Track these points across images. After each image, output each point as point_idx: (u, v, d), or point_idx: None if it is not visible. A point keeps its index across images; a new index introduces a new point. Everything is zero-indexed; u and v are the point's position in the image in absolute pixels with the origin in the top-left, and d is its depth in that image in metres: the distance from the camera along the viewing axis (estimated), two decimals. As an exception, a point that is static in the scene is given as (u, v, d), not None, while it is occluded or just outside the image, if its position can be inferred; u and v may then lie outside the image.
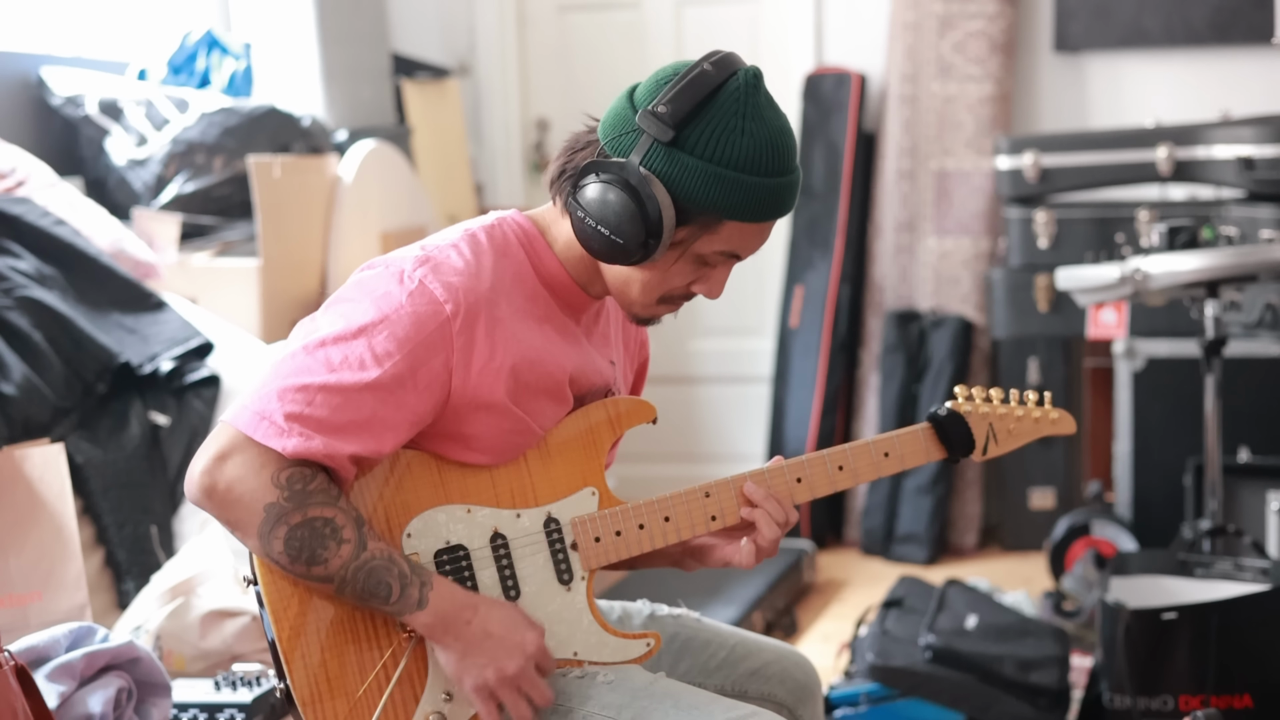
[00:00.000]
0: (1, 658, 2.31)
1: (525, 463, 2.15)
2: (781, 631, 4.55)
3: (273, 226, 4.32)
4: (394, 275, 2.05)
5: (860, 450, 2.30)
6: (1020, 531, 5.33)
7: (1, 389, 3.33)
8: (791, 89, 5.74)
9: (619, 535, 2.18)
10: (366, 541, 2.01)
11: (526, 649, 2.07)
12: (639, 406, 2.24)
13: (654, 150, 2.04)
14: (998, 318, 5.03)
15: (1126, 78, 5.44)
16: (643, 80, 2.11)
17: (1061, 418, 2.43)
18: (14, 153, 4.01)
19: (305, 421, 1.97)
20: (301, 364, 2.00)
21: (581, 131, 2.15)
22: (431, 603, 2.03)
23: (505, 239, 2.15)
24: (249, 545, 2.02)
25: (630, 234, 2.04)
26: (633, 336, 2.40)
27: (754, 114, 2.04)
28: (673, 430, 6.04)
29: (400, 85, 5.40)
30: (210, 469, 1.98)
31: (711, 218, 2.06)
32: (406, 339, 2.01)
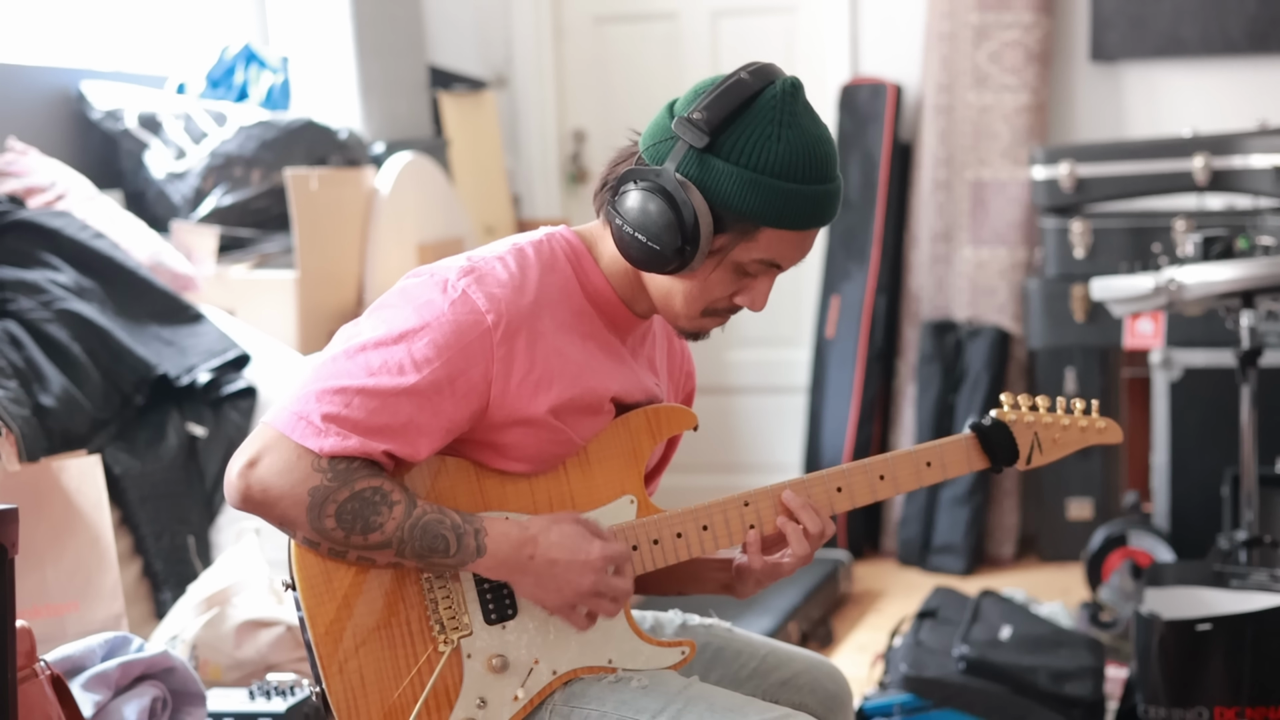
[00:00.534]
0: (37, 667, 2.33)
1: (564, 471, 2.16)
2: (817, 642, 4.56)
3: (310, 239, 4.35)
4: (438, 284, 2.07)
5: (902, 459, 2.30)
6: (1058, 542, 5.32)
7: (41, 401, 3.36)
8: (827, 100, 5.75)
9: (656, 544, 2.19)
10: (415, 500, 2.03)
11: (593, 563, 2.08)
12: (679, 414, 2.24)
13: (689, 156, 2.05)
14: (1034, 328, 5.03)
15: (1163, 87, 5.43)
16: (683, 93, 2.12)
17: (1109, 427, 2.42)
18: (54, 167, 4.05)
19: (342, 422, 1.99)
20: (341, 367, 2.02)
21: (625, 146, 2.17)
22: (489, 548, 2.05)
23: (553, 254, 2.16)
24: (299, 537, 2.03)
25: (667, 240, 2.05)
26: (679, 366, 2.41)
27: (791, 121, 2.04)
28: (710, 440, 6.03)
29: (437, 97, 5.43)
30: (244, 472, 2.00)
31: (748, 225, 2.06)
32: (446, 346, 2.03)
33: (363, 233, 4.64)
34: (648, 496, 2.21)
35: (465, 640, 2.10)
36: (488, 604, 2.11)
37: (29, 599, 2.82)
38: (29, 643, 2.33)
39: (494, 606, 2.11)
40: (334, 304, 4.46)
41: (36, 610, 2.82)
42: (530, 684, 2.12)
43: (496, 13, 6.08)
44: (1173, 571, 3.89)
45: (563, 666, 2.14)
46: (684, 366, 2.42)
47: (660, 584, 2.35)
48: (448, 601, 2.09)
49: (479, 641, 2.10)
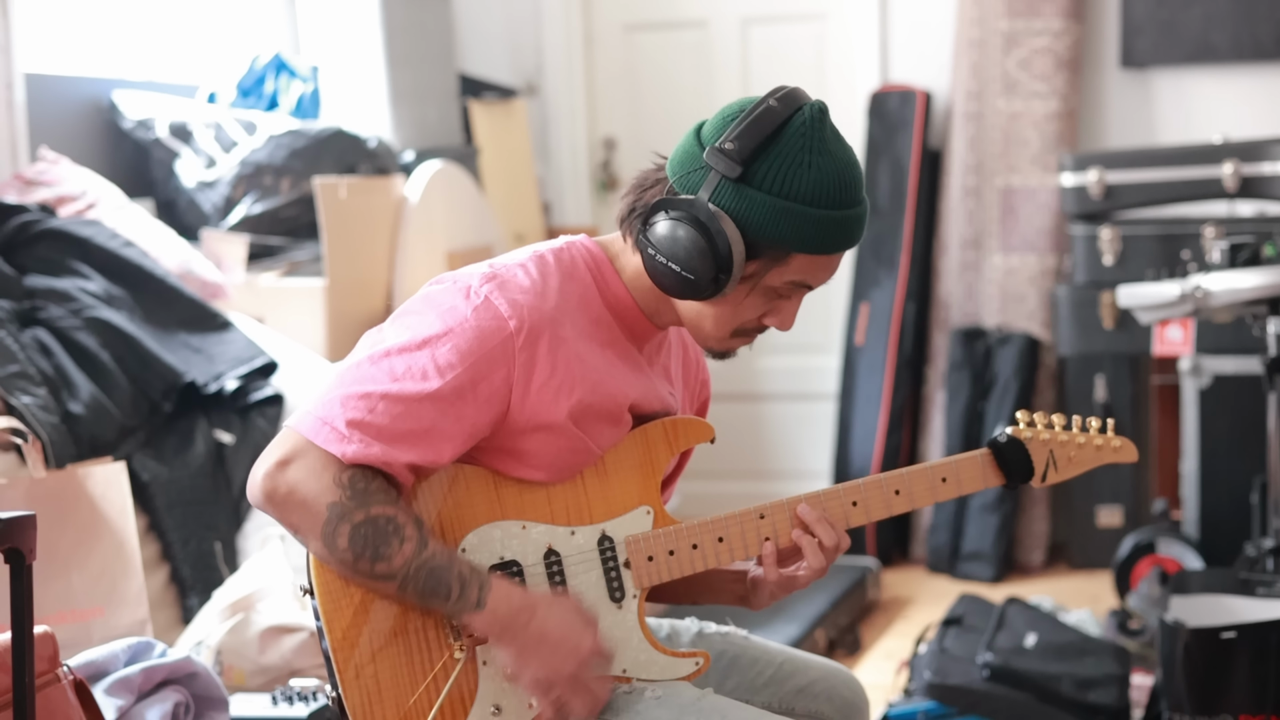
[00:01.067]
0: (60, 672, 2.35)
1: (582, 480, 2.17)
2: (844, 649, 4.56)
3: (338, 246, 4.37)
4: (461, 290, 2.09)
5: (918, 475, 2.31)
6: (1088, 550, 5.31)
7: (70, 408, 3.39)
8: (857, 107, 5.76)
9: (672, 555, 2.20)
10: (427, 540, 2.04)
11: (581, 651, 2.08)
12: (696, 426, 2.26)
13: (722, 186, 2.06)
14: (1063, 335, 5.02)
15: (1194, 93, 5.42)
16: (709, 115, 2.13)
17: (1124, 446, 2.43)
18: (85, 176, 4.08)
19: (366, 429, 2.01)
20: (366, 373, 2.04)
21: (649, 169, 2.18)
22: (489, 604, 2.06)
23: (573, 262, 2.18)
24: (312, 548, 2.05)
25: (701, 270, 2.07)
26: (694, 375, 2.42)
27: (820, 148, 2.06)
28: (739, 448, 6.06)
29: (467, 106, 5.45)
30: (272, 473, 2.02)
31: (780, 251, 2.08)
32: (469, 352, 2.04)
33: (392, 240, 4.66)
34: (664, 508, 2.21)
35: (481, 647, 2.11)
36: (503, 612, 2.12)
37: (55, 604, 2.84)
38: (52, 647, 2.36)
39: (509, 615, 2.13)
40: (362, 311, 4.49)
41: (62, 615, 2.85)
42: (544, 693, 2.13)
43: (527, 21, 6.11)
44: (1198, 579, 3.89)
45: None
46: (699, 375, 2.44)
47: (675, 594, 2.36)
48: (464, 608, 2.11)
49: (494, 650, 2.11)
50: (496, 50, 6.08)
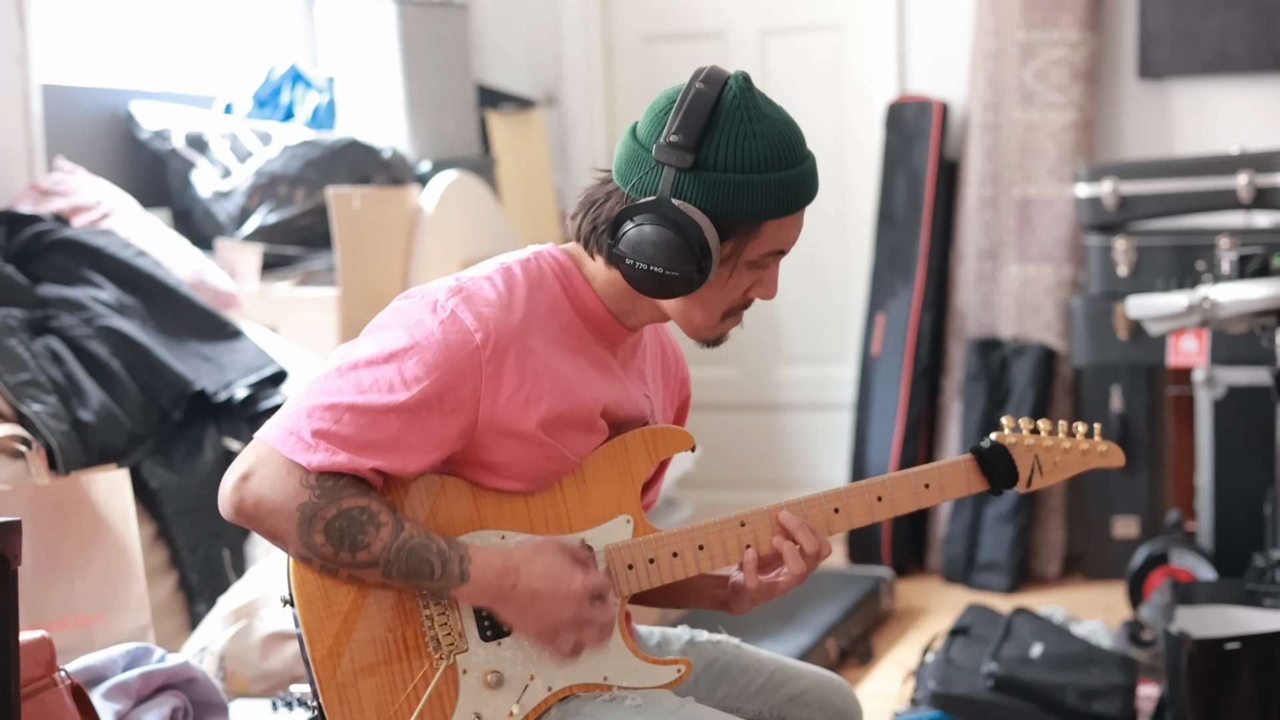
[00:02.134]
0: (57, 676, 2.39)
1: (560, 490, 2.19)
2: (857, 659, 4.56)
3: (351, 256, 4.40)
4: (428, 304, 2.11)
5: (900, 481, 2.32)
6: (1103, 560, 5.30)
7: (80, 415, 3.43)
8: (874, 117, 5.77)
9: (652, 563, 2.22)
10: (403, 523, 2.07)
11: (574, 594, 2.10)
12: (675, 435, 2.27)
13: (680, 179, 2.08)
14: (1077, 346, 5.02)
15: (1211, 104, 5.41)
16: (639, 119, 2.15)
17: (1110, 450, 2.44)
18: (100, 186, 4.13)
19: (331, 438, 2.04)
20: (333, 385, 2.07)
21: (594, 185, 2.20)
22: (473, 575, 2.08)
23: (541, 272, 2.20)
24: (292, 551, 2.08)
25: (683, 265, 2.09)
26: (673, 375, 2.44)
27: (758, 115, 2.10)
28: (756, 457, 6.08)
29: (485, 116, 5.48)
30: (237, 485, 2.06)
31: (751, 224, 2.11)
32: (435, 365, 2.07)
33: (406, 250, 4.69)
34: (644, 516, 2.23)
35: (461, 656, 2.13)
36: (483, 620, 2.14)
37: (57, 610, 2.88)
38: (49, 652, 2.39)
39: (489, 623, 2.14)
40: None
41: (64, 621, 2.88)
42: (525, 700, 2.15)
43: (547, 32, 6.13)
44: (1206, 590, 3.89)
45: (558, 683, 2.17)
46: (678, 375, 2.45)
47: (657, 598, 2.38)
48: (443, 618, 2.13)
49: (474, 658, 2.14)
50: (516, 61, 6.11)
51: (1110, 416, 5.20)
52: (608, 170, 2.19)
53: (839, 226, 5.98)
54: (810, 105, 5.94)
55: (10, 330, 3.49)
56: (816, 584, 4.91)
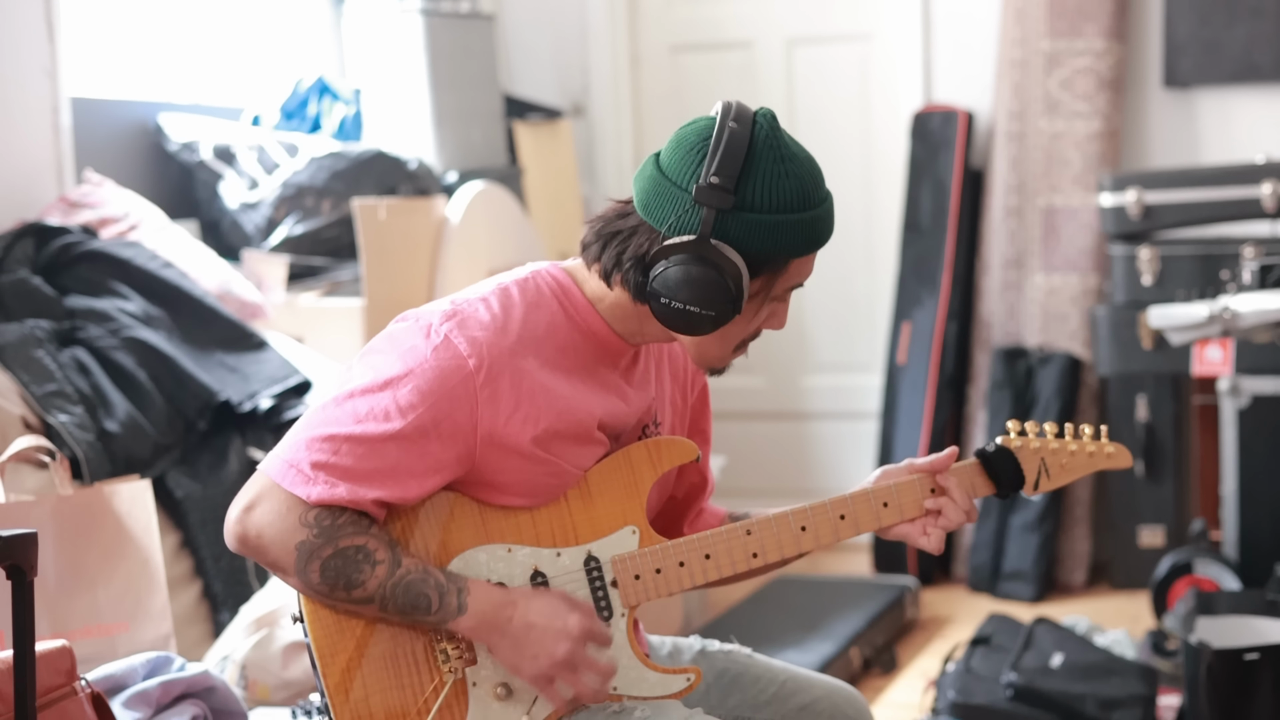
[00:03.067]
0: (77, 685, 2.41)
1: (566, 502, 2.22)
2: (880, 668, 4.57)
3: (377, 267, 4.44)
4: (421, 329, 2.13)
5: (906, 487, 2.34)
6: (1129, 570, 5.29)
7: (106, 426, 3.47)
8: (900, 127, 5.79)
9: (659, 573, 2.24)
10: (400, 559, 2.09)
11: (570, 632, 2.12)
12: (679, 446, 2.29)
13: (720, 220, 2.10)
14: (1102, 355, 5.02)
15: (1237, 113, 5.41)
16: (664, 151, 2.17)
17: (1118, 452, 2.45)
18: (128, 198, 4.17)
19: (331, 470, 2.06)
20: (330, 415, 2.09)
21: (611, 215, 2.20)
22: (471, 607, 2.10)
23: (538, 291, 2.22)
24: (291, 584, 2.12)
25: (718, 305, 2.11)
26: (681, 367, 2.45)
27: (788, 155, 2.13)
28: (783, 465, 6.10)
29: (512, 127, 5.51)
30: (240, 518, 2.09)
31: (780, 262, 2.14)
32: (430, 392, 2.09)
33: (432, 260, 4.72)
34: (650, 526, 2.25)
35: (470, 669, 2.16)
36: (492, 633, 2.17)
37: (80, 619, 2.91)
38: (69, 661, 2.42)
39: (498, 635, 2.17)
40: (402, 331, 4.54)
41: (87, 630, 2.91)
42: (535, 712, 2.18)
43: (574, 43, 6.16)
44: (1227, 600, 3.89)
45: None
46: (688, 366, 2.46)
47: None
48: (453, 631, 2.15)
49: (484, 670, 2.16)
50: (544, 72, 6.14)
51: (1136, 425, 5.19)
52: (625, 200, 2.20)
53: (865, 236, 5.99)
54: (836, 115, 5.96)
55: (38, 341, 3.53)
56: (841, 593, 4.93)
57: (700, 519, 2.49)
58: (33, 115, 4.09)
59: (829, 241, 2.18)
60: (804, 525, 2.30)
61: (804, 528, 2.30)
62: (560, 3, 6.15)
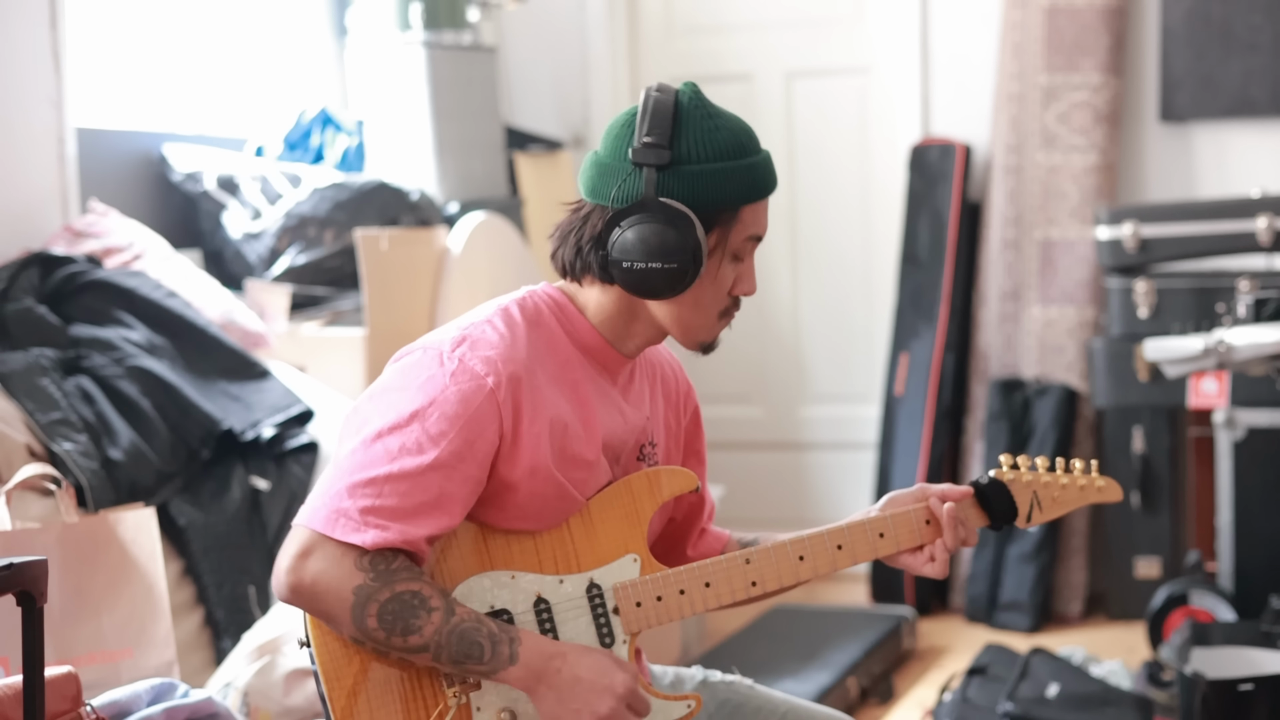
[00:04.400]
0: (83, 711, 2.44)
1: (568, 530, 2.25)
2: (877, 698, 4.60)
3: (379, 297, 4.47)
4: (434, 359, 2.17)
5: (901, 519, 2.38)
6: (1126, 601, 5.32)
7: (109, 454, 3.49)
8: (898, 159, 5.83)
9: (660, 600, 2.27)
10: (454, 607, 2.12)
11: (616, 690, 2.15)
12: (679, 476, 2.33)
13: (661, 176, 2.17)
14: (1098, 387, 5.05)
15: (1233, 147, 5.45)
16: (598, 147, 2.25)
17: (1108, 485, 2.49)
18: (132, 227, 4.20)
19: (379, 513, 2.09)
20: (363, 458, 2.12)
21: (566, 218, 2.28)
22: (522, 657, 2.13)
23: (537, 310, 2.26)
24: (345, 633, 2.13)
25: (678, 257, 2.17)
26: (674, 389, 2.49)
27: (716, 111, 2.23)
28: (781, 495, 6.12)
29: (513, 158, 5.55)
30: (294, 567, 2.10)
31: (730, 210, 2.21)
32: (457, 416, 2.12)
33: (434, 291, 4.75)
34: (650, 554, 2.28)
35: (474, 694, 2.18)
36: (496, 658, 2.19)
37: (85, 645, 2.94)
38: (75, 687, 2.45)
39: (502, 661, 2.20)
40: (403, 360, 4.57)
41: (92, 656, 2.93)
42: (538, 739, 2.20)
43: (575, 75, 6.21)
44: (1221, 631, 3.92)
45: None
46: (679, 388, 2.50)
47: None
48: (457, 656, 2.18)
49: (488, 696, 2.19)
50: (544, 103, 6.19)
51: (1132, 457, 5.23)
52: (577, 201, 2.27)
53: (863, 267, 6.03)
54: (835, 147, 6.00)
55: (42, 370, 3.56)
56: (838, 622, 4.96)
57: (703, 541, 2.53)
58: (38, 145, 4.12)
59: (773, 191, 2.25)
60: (802, 555, 2.34)
61: (802, 557, 2.34)
62: (561, 35, 6.20)
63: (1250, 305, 4.05)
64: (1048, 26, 5.45)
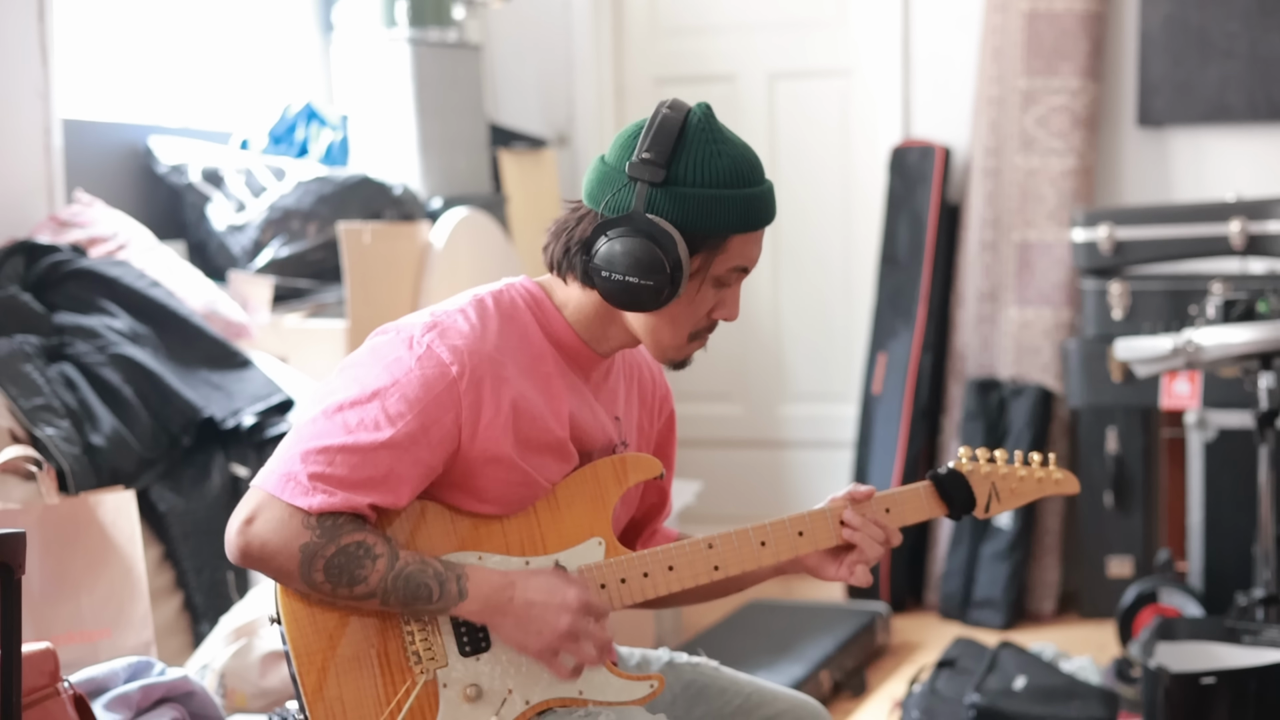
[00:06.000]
0: (60, 686, 2.49)
1: (535, 513, 2.30)
2: (850, 691, 4.65)
3: (361, 290, 4.52)
4: (404, 341, 2.22)
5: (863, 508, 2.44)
6: (1098, 599, 5.37)
7: (91, 440, 3.54)
8: (878, 161, 5.88)
9: (624, 582, 2.32)
10: (398, 552, 2.17)
11: (571, 605, 2.20)
12: (644, 462, 2.38)
13: (652, 194, 2.21)
14: (1073, 387, 5.11)
15: (1209, 152, 5.51)
16: (608, 150, 2.28)
17: (1065, 478, 2.55)
18: (117, 218, 4.25)
19: (328, 480, 2.14)
20: (322, 428, 2.18)
21: (565, 215, 2.31)
22: (472, 591, 2.19)
23: (513, 303, 2.31)
24: (295, 589, 2.19)
25: (656, 275, 2.20)
26: (650, 392, 2.54)
27: (722, 138, 2.24)
28: (759, 493, 6.17)
29: (497, 155, 5.60)
30: (241, 530, 2.17)
31: (718, 238, 2.24)
32: (417, 400, 2.18)
33: (416, 285, 4.80)
34: (615, 539, 2.33)
35: (441, 671, 2.23)
36: (462, 636, 2.24)
37: (64, 625, 2.98)
38: (53, 663, 2.49)
39: (468, 639, 2.25)
40: (384, 353, 4.61)
41: (70, 636, 2.98)
42: (504, 713, 2.25)
43: (560, 74, 6.26)
44: (1187, 627, 3.97)
45: (535, 697, 2.27)
46: (656, 391, 2.55)
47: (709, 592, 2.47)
48: (424, 634, 2.23)
49: (454, 672, 2.24)
50: (529, 101, 6.24)
51: (1106, 458, 5.28)
52: (577, 200, 2.31)
53: (843, 267, 6.09)
54: (816, 148, 6.06)
55: (26, 356, 3.60)
56: (813, 617, 5.00)
57: (654, 539, 2.58)
58: (25, 136, 4.17)
59: (768, 224, 2.27)
60: (764, 540, 2.39)
61: (764, 543, 2.39)
62: (546, 34, 6.25)
63: (1219, 306, 4.11)
64: (1028, 31, 5.51)
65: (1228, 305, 4.09)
